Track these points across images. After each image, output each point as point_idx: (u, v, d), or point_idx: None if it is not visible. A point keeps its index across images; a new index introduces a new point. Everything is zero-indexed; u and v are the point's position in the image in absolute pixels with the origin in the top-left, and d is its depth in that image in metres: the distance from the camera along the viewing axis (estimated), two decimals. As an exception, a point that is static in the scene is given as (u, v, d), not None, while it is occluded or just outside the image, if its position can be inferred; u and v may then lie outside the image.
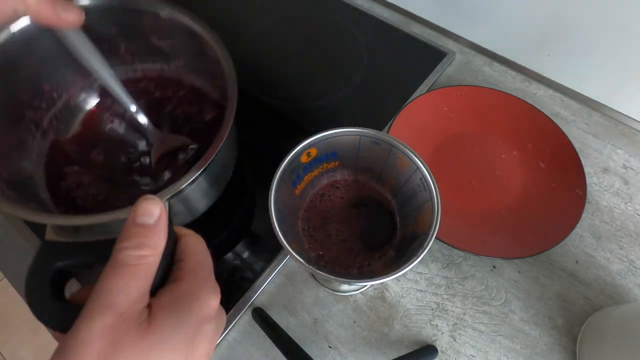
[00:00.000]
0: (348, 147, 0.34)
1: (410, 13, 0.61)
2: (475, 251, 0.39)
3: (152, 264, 0.18)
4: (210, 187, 0.32)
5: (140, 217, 0.18)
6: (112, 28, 0.30)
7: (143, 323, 0.17)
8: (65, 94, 0.32)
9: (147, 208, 0.19)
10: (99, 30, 0.29)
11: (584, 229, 0.43)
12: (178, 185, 0.25)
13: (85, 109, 0.33)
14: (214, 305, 0.20)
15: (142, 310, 0.17)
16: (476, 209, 0.44)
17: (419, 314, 0.39)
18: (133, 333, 0.16)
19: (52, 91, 0.32)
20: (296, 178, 0.33)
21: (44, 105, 0.31)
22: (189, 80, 0.35)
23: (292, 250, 0.27)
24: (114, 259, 0.18)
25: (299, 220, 0.35)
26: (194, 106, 0.35)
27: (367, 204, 0.36)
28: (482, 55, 0.56)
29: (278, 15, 0.63)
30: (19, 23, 0.26)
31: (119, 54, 0.33)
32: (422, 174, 0.30)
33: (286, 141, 0.49)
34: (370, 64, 0.56)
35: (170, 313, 0.18)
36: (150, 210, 0.19)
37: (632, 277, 0.40)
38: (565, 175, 0.44)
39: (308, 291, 0.40)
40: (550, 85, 0.53)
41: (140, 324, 0.17)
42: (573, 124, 0.50)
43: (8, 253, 0.44)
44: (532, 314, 0.39)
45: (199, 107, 0.35)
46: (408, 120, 0.46)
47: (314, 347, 0.38)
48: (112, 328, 0.16)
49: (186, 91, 0.35)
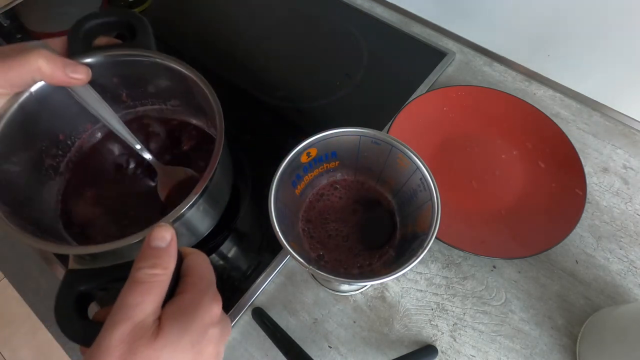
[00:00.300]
0: (348, 147, 0.34)
1: (410, 13, 0.61)
2: (475, 251, 0.39)
3: (164, 282, 0.21)
4: (209, 209, 0.36)
5: (154, 242, 0.22)
6: (113, 79, 0.35)
7: (155, 330, 0.20)
8: (77, 140, 0.37)
9: (160, 234, 0.22)
10: (102, 82, 0.33)
11: (584, 229, 0.43)
12: (178, 210, 0.28)
13: (95, 151, 0.38)
14: (216, 311, 0.23)
15: (154, 321, 0.20)
16: (476, 209, 0.44)
17: (419, 314, 0.39)
18: (146, 338, 0.19)
19: (67, 139, 0.36)
20: (296, 178, 0.33)
21: (60, 152, 0.36)
22: (185, 116, 0.40)
23: (292, 250, 0.27)
24: (132, 277, 0.21)
25: (299, 220, 0.35)
26: (193, 139, 0.39)
27: (367, 204, 0.36)
28: (482, 55, 0.56)
29: (278, 15, 0.63)
30: (36, 85, 0.30)
31: (121, 100, 0.38)
32: (422, 174, 0.30)
33: (286, 141, 0.50)
34: (370, 64, 0.56)
35: (176, 321, 0.21)
36: (163, 236, 0.22)
37: (632, 277, 0.40)
38: (565, 175, 0.44)
39: (308, 291, 0.40)
40: (550, 85, 0.53)
41: (152, 332, 0.20)
42: (573, 124, 0.50)
43: (8, 253, 0.44)
44: (532, 314, 0.39)
45: (197, 140, 0.39)
46: (408, 120, 0.46)
47: (314, 347, 0.38)
48: (129, 336, 0.19)
49: (183, 126, 0.40)
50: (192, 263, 0.24)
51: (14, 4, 0.64)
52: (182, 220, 0.32)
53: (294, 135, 0.50)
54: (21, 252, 0.43)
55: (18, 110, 0.30)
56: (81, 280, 0.24)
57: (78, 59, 0.32)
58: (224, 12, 0.64)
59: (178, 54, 0.58)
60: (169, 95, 0.39)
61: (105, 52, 0.33)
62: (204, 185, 0.30)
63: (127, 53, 0.33)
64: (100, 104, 0.33)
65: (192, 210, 0.31)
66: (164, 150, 0.38)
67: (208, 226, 0.39)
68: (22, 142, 0.32)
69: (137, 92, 0.38)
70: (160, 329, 0.20)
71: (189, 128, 0.40)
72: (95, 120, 0.37)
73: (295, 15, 0.63)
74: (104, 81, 0.34)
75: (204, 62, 0.58)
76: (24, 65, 0.27)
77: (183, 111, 0.40)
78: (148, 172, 0.37)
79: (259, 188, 0.46)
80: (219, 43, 0.60)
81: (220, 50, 0.59)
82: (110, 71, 0.34)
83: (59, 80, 0.29)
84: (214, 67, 0.57)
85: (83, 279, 0.24)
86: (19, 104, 0.30)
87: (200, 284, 0.23)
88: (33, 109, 0.31)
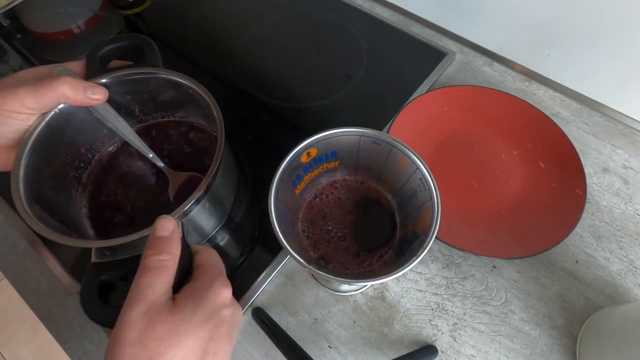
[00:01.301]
0: (348, 147, 0.34)
1: (410, 13, 0.61)
2: (475, 251, 0.39)
3: (171, 266, 0.24)
4: (214, 209, 0.39)
5: (158, 232, 0.25)
6: (126, 96, 0.39)
7: (170, 307, 0.23)
8: (97, 153, 0.42)
9: (163, 224, 0.25)
10: (117, 99, 0.38)
11: (584, 229, 0.43)
12: (183, 206, 0.32)
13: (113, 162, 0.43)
14: (227, 294, 0.25)
15: (167, 299, 0.23)
16: (476, 209, 0.44)
17: (419, 314, 0.39)
18: (163, 314, 0.22)
19: (87, 152, 0.41)
20: (296, 178, 0.33)
21: (82, 164, 0.40)
22: (192, 124, 0.44)
23: (292, 250, 0.27)
24: (142, 264, 0.24)
25: (299, 220, 0.35)
26: (200, 145, 0.43)
27: (367, 204, 0.36)
28: (482, 55, 0.56)
29: (278, 15, 0.63)
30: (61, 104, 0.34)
31: (134, 115, 0.42)
32: (422, 174, 0.30)
33: (286, 141, 0.50)
34: (370, 64, 0.56)
35: (189, 299, 0.24)
36: (166, 226, 0.25)
37: (632, 277, 0.40)
38: (565, 175, 0.44)
39: (308, 291, 0.40)
40: (550, 85, 0.53)
41: (168, 308, 0.23)
42: (573, 124, 0.50)
43: (8, 253, 0.44)
44: (532, 314, 0.39)
45: (204, 146, 0.43)
46: (408, 120, 0.46)
47: (314, 347, 0.38)
48: (146, 312, 0.22)
49: (191, 134, 0.44)
50: (202, 256, 0.27)
51: (14, 4, 0.64)
52: (188, 217, 0.34)
53: (294, 135, 0.50)
54: (21, 252, 0.43)
55: (45, 127, 0.34)
56: (102, 271, 0.28)
57: (96, 80, 0.36)
58: (224, 12, 0.64)
59: (178, 53, 0.59)
60: (177, 107, 0.43)
61: (118, 72, 0.37)
62: (207, 183, 0.33)
63: (138, 72, 0.37)
64: (117, 118, 0.37)
65: (197, 208, 0.34)
66: (174, 157, 0.42)
67: (214, 226, 0.41)
68: (49, 154, 0.35)
69: (148, 107, 0.42)
70: (175, 307, 0.23)
71: (196, 135, 0.44)
72: (113, 135, 0.41)
73: (295, 15, 0.63)
74: (119, 98, 0.38)
75: (204, 62, 0.58)
76: (52, 91, 0.31)
77: (190, 120, 0.44)
78: (160, 177, 0.41)
79: (259, 188, 0.46)
80: (219, 43, 0.60)
81: (221, 50, 0.59)
82: (123, 89, 0.38)
83: (81, 102, 0.33)
84: (214, 67, 0.57)
85: (104, 270, 0.28)
86: (46, 121, 0.33)
87: (211, 271, 0.26)
88: (58, 125, 0.35)
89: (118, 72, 0.37)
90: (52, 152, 0.36)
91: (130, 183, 0.42)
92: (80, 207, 0.39)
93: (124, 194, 0.41)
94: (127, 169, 0.42)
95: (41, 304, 0.41)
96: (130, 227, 0.40)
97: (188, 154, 0.43)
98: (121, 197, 0.41)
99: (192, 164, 0.42)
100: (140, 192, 0.41)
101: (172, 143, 0.44)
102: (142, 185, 0.42)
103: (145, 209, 0.41)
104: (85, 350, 0.38)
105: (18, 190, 0.31)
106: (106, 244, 0.30)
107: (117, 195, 0.41)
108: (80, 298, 0.26)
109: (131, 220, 0.40)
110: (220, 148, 0.34)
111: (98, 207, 0.40)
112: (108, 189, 0.41)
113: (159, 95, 0.41)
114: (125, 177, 0.42)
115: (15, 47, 0.60)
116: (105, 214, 0.40)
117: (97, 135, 0.41)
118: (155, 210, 0.40)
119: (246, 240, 0.44)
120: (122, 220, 0.40)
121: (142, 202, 0.41)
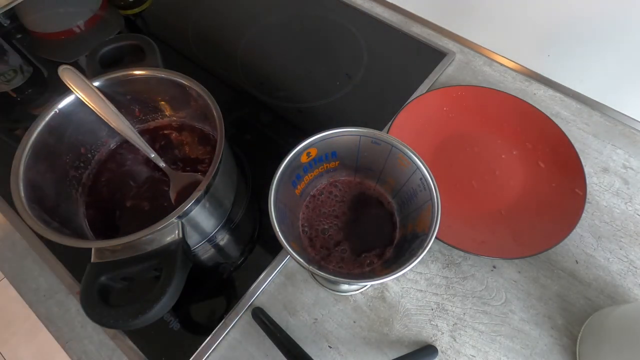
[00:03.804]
0: (348, 147, 0.33)
1: (410, 13, 0.61)
2: (475, 251, 0.39)
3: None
4: (214, 209, 0.39)
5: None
6: (126, 96, 0.39)
7: None
8: (97, 153, 0.42)
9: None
10: (117, 99, 0.38)
11: (584, 229, 0.43)
12: (184, 206, 0.31)
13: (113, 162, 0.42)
14: None
15: None
16: (476, 208, 0.44)
17: (419, 314, 0.39)
18: None
19: (87, 152, 0.41)
20: (296, 178, 0.33)
21: (82, 164, 0.40)
22: (192, 125, 0.44)
23: (292, 250, 0.27)
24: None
25: (299, 220, 0.35)
26: (201, 146, 0.43)
27: (367, 204, 0.36)
28: (482, 55, 0.56)
29: (278, 15, 0.63)
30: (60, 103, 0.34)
31: (135, 115, 0.42)
32: (422, 174, 0.30)
33: (286, 141, 0.50)
34: (370, 64, 0.56)
35: None
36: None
37: (632, 277, 0.40)
38: (565, 175, 0.44)
39: (308, 291, 0.40)
40: (550, 85, 0.53)
41: None
42: (573, 124, 0.50)
43: (8, 253, 0.44)
44: (532, 314, 0.39)
45: (205, 146, 0.43)
46: (408, 120, 0.46)
47: (314, 347, 0.38)
48: None
49: (192, 134, 0.44)
50: None
51: (14, 4, 0.64)
52: (189, 217, 0.34)
53: (294, 135, 0.51)
54: (21, 252, 0.43)
55: (45, 127, 0.34)
56: (102, 271, 0.28)
57: (96, 80, 0.36)
58: (224, 12, 0.64)
59: (178, 53, 0.59)
60: (177, 107, 0.43)
61: (118, 72, 0.37)
62: (207, 183, 0.33)
63: (138, 72, 0.37)
64: (119, 117, 0.37)
65: (197, 208, 0.34)
66: (175, 157, 0.42)
67: (214, 226, 0.41)
68: (49, 155, 0.35)
69: (149, 107, 0.42)
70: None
71: (196, 135, 0.44)
72: (113, 135, 0.41)
73: (295, 15, 0.63)
74: (119, 98, 0.38)
75: (204, 62, 0.58)
76: None
77: (190, 120, 0.44)
78: (161, 178, 0.41)
79: (259, 188, 0.46)
80: (219, 43, 0.60)
81: (221, 50, 0.59)
82: (123, 89, 0.38)
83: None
84: (214, 67, 0.57)
85: (104, 270, 0.28)
86: (46, 121, 0.34)
87: None
88: (58, 125, 0.35)
89: (118, 72, 0.37)
90: (52, 152, 0.36)
91: (131, 183, 0.42)
92: (80, 207, 0.39)
93: (124, 194, 0.41)
94: (127, 169, 0.42)
95: (41, 304, 0.41)
96: (130, 227, 0.39)
97: (188, 154, 0.43)
98: (121, 197, 0.41)
99: (192, 164, 0.42)
100: (140, 192, 0.41)
101: (172, 143, 0.43)
102: (142, 185, 0.42)
103: (146, 209, 0.41)
104: (85, 350, 0.38)
105: (18, 190, 0.31)
106: (106, 244, 0.30)
107: (117, 195, 0.41)
108: (80, 298, 0.26)
109: (131, 220, 0.40)
110: (220, 148, 0.34)
111: (98, 207, 0.40)
112: (108, 189, 0.41)
113: (158, 95, 0.41)
114: (125, 177, 0.42)
115: (15, 47, 0.60)
116: (105, 214, 0.40)
117: (97, 135, 0.41)
118: (155, 210, 0.40)
119: (246, 240, 0.44)
120: (122, 221, 0.40)
121: (143, 202, 0.41)
